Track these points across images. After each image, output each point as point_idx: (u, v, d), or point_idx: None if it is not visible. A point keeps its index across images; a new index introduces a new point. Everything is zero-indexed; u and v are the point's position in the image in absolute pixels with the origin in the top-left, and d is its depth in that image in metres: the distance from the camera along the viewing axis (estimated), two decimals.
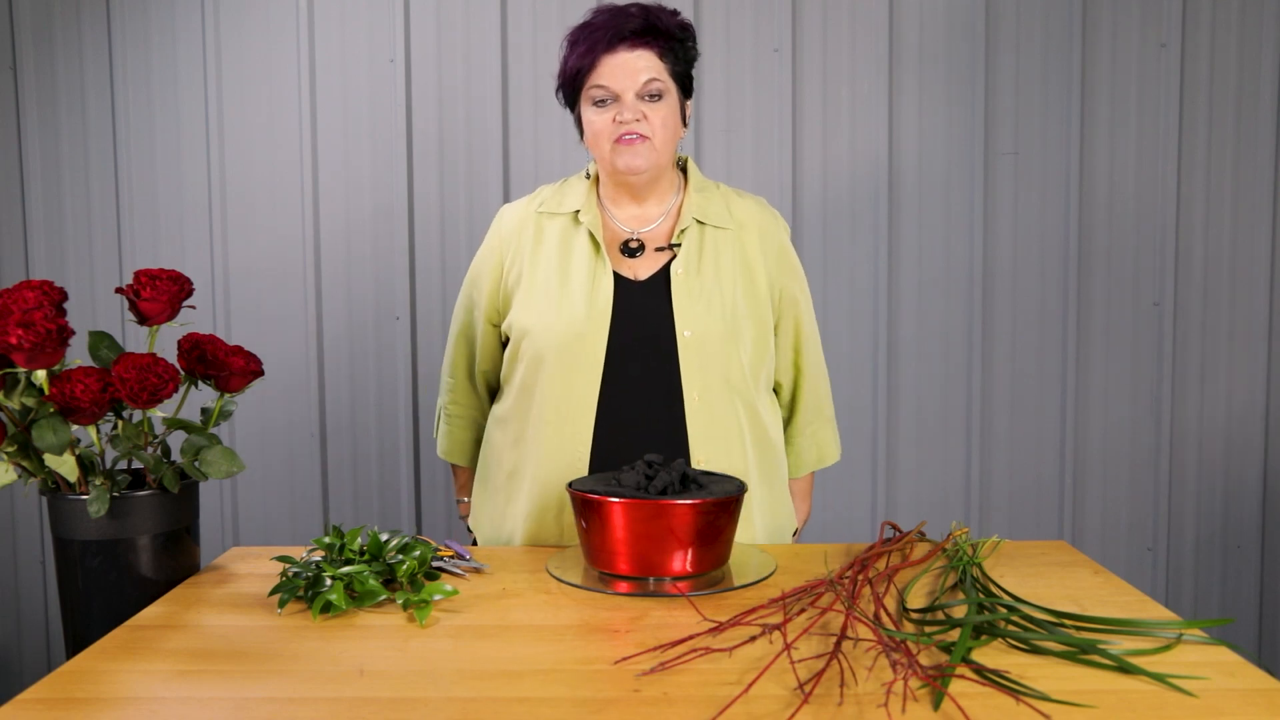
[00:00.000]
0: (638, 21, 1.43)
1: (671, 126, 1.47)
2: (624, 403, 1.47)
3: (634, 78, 1.43)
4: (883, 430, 2.51)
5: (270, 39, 2.47)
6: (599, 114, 1.45)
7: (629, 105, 1.43)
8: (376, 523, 2.54)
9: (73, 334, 1.17)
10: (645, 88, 1.43)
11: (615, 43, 1.42)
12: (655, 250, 1.51)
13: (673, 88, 1.47)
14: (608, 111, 1.45)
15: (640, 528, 1.21)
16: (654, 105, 1.44)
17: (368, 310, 2.52)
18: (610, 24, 1.43)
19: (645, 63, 1.43)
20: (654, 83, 1.44)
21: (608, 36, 1.43)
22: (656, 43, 1.44)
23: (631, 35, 1.42)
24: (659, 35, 1.44)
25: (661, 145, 1.46)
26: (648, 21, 1.43)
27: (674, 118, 1.47)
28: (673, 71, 1.47)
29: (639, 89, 1.43)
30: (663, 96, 1.45)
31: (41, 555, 2.61)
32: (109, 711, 0.90)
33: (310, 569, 1.20)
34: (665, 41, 1.45)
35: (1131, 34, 2.44)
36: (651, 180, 1.51)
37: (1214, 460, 2.52)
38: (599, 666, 0.98)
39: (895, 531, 1.42)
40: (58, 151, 2.51)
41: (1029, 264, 2.48)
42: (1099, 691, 0.91)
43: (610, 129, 1.45)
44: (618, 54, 1.43)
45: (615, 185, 1.53)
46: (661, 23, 1.45)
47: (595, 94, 1.45)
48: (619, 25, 1.43)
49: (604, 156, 1.48)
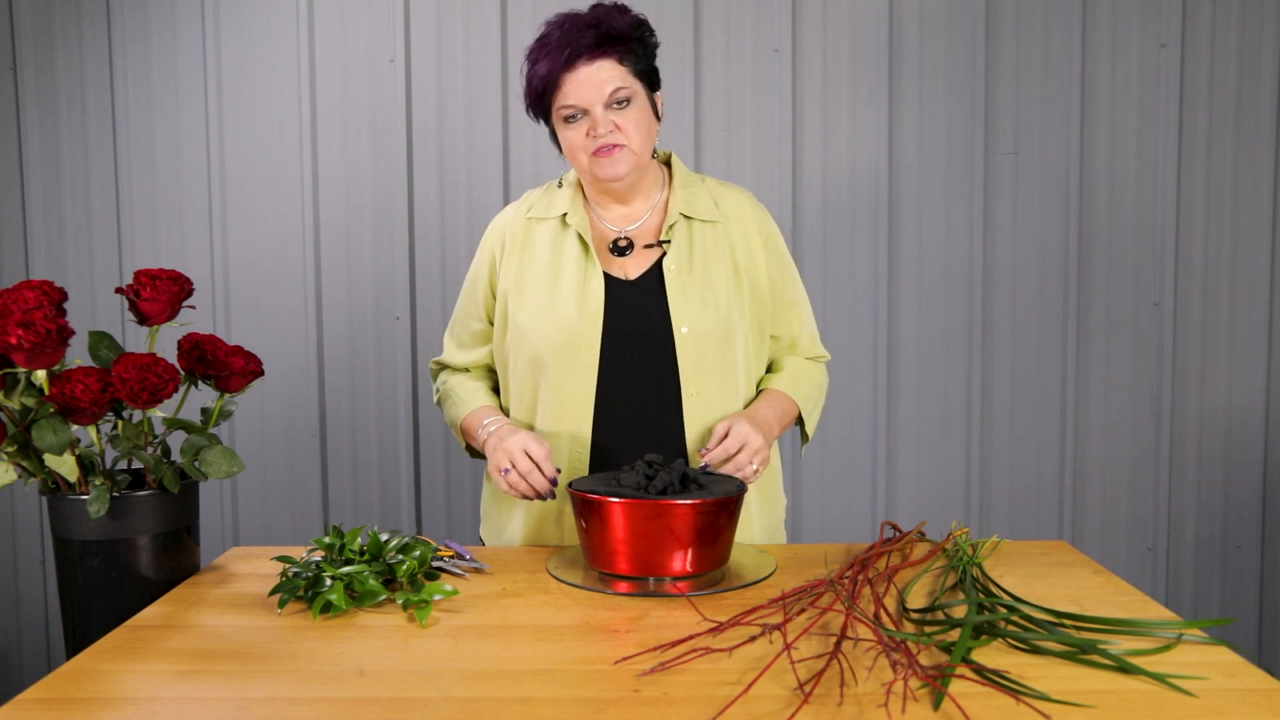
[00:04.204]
0: (591, 35, 1.40)
1: (645, 127, 1.46)
2: (621, 401, 1.47)
3: (598, 90, 1.41)
4: (883, 430, 2.51)
5: (270, 39, 2.47)
6: (572, 130, 1.44)
7: (600, 119, 1.42)
8: (376, 523, 2.54)
9: (73, 334, 1.17)
10: (612, 97, 1.41)
11: (573, 59, 1.40)
12: (644, 247, 1.51)
13: (639, 88, 1.45)
14: (580, 126, 1.44)
15: (640, 528, 1.21)
16: (624, 112, 1.43)
17: (368, 310, 2.52)
18: (565, 40, 1.40)
19: (607, 73, 1.41)
20: (620, 91, 1.42)
21: (565, 54, 1.40)
22: (614, 49, 1.42)
23: (587, 50, 1.40)
24: (614, 42, 1.42)
25: (639, 148, 1.46)
26: (600, 32, 1.41)
27: (646, 117, 1.46)
28: (636, 71, 1.44)
29: (605, 100, 1.41)
30: (631, 100, 1.43)
31: (41, 555, 2.61)
32: (109, 711, 0.90)
33: (310, 569, 1.20)
34: (622, 45, 1.43)
35: (1131, 34, 2.44)
36: (634, 181, 1.51)
37: (1214, 460, 2.52)
38: (599, 666, 0.98)
39: (895, 531, 1.42)
40: (58, 151, 2.51)
41: (1029, 264, 2.48)
42: (1099, 691, 0.91)
43: (585, 143, 1.44)
44: (578, 70, 1.41)
45: (599, 190, 1.53)
46: (615, 28, 1.42)
47: (564, 112, 1.43)
48: (574, 41, 1.40)
49: (583, 169, 1.48)
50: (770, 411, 1.51)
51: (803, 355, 1.62)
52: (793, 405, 1.56)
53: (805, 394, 1.58)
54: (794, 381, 1.57)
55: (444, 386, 1.62)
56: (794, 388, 1.56)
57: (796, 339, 1.61)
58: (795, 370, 1.59)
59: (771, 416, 1.51)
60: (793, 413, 1.56)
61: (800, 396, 1.57)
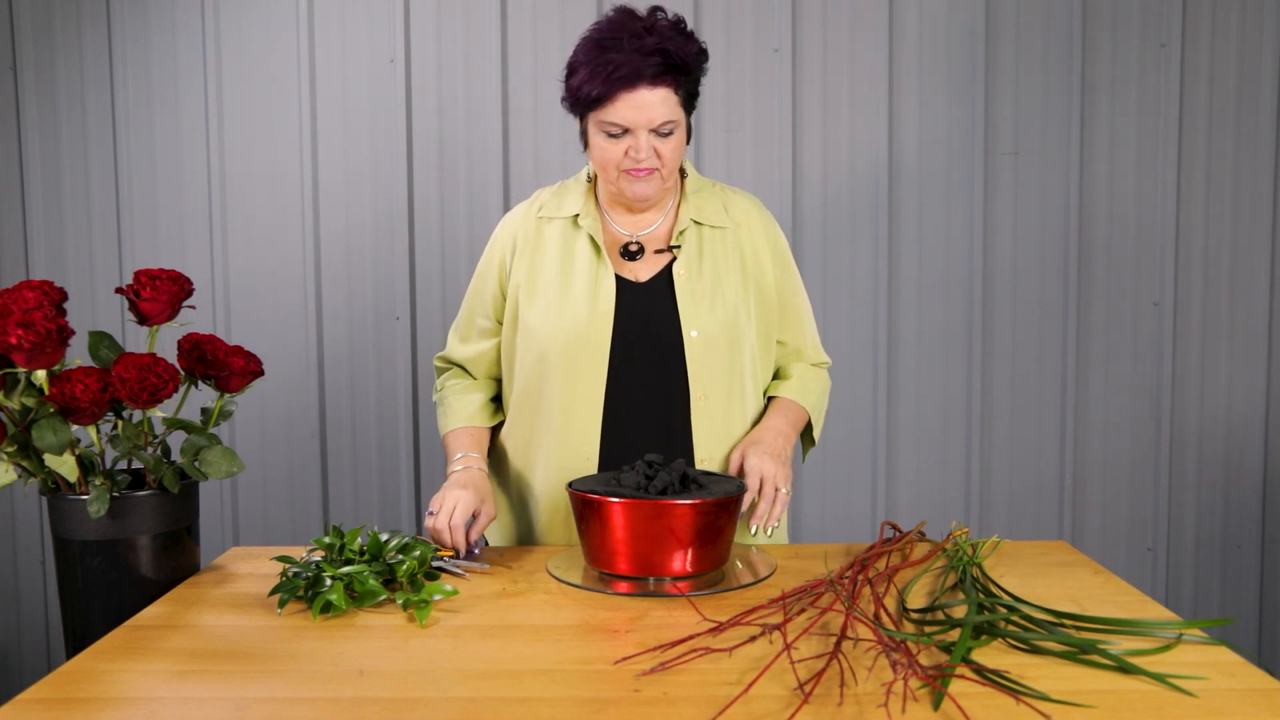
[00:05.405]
0: (659, 63, 1.37)
1: (679, 153, 1.45)
2: (629, 403, 1.47)
3: (649, 116, 1.39)
4: (883, 430, 2.51)
5: (270, 39, 2.47)
6: (610, 144, 1.42)
7: (642, 144, 1.40)
8: (376, 523, 2.54)
9: (73, 334, 1.17)
10: (660, 127, 1.40)
11: (634, 82, 1.37)
12: (655, 252, 1.51)
13: (682, 117, 1.43)
14: (620, 143, 1.41)
15: (640, 528, 1.21)
16: (665, 139, 1.42)
17: (368, 310, 2.52)
18: (631, 62, 1.36)
19: (661, 101, 1.39)
20: (668, 123, 1.40)
21: (628, 75, 1.36)
22: (674, 79, 1.40)
23: (651, 77, 1.37)
24: (677, 72, 1.39)
25: (670, 173, 1.46)
26: (669, 61, 1.37)
27: (681, 144, 1.45)
28: (684, 100, 1.43)
29: (654, 127, 1.40)
30: (674, 130, 1.42)
31: (41, 555, 2.61)
32: (109, 711, 0.90)
33: (310, 569, 1.20)
34: (683, 75, 1.41)
35: (1131, 34, 2.44)
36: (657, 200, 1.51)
37: (1214, 460, 2.52)
38: (599, 666, 0.98)
39: (895, 531, 1.42)
40: (58, 151, 2.51)
41: (1029, 264, 2.48)
42: (1099, 691, 0.91)
43: (622, 161, 1.43)
44: (637, 92, 1.37)
45: (617, 200, 1.53)
46: (680, 59, 1.39)
47: (608, 127, 1.41)
48: (639, 66, 1.36)
49: (611, 181, 1.46)
50: (784, 422, 1.52)
51: (808, 361, 1.63)
52: (804, 412, 1.57)
53: (813, 401, 1.59)
54: (803, 389, 1.58)
55: (441, 391, 1.62)
56: (803, 395, 1.57)
57: (802, 346, 1.61)
58: (803, 377, 1.59)
59: (786, 427, 1.52)
60: (804, 419, 1.57)
61: (809, 403, 1.58)
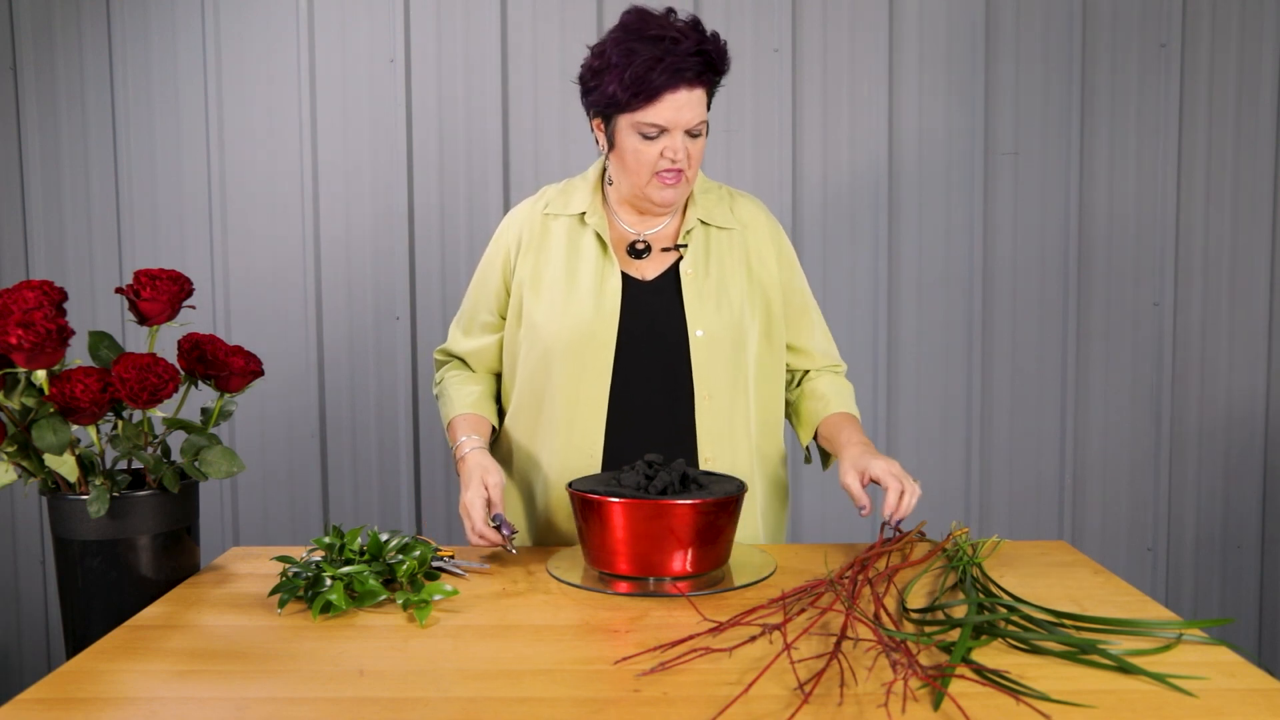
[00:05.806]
0: (698, 64, 1.38)
1: (702, 155, 1.47)
2: (634, 402, 1.47)
3: (688, 117, 1.40)
4: (883, 431, 2.51)
5: (270, 39, 2.47)
6: (647, 146, 1.42)
7: (678, 145, 1.41)
8: (376, 523, 2.54)
9: (73, 334, 1.17)
10: (694, 127, 1.42)
11: (676, 83, 1.38)
12: (661, 250, 1.51)
13: (707, 119, 1.45)
14: (655, 145, 1.42)
15: (640, 528, 1.21)
16: (695, 141, 1.43)
17: (368, 310, 2.52)
18: (671, 63, 1.37)
19: (697, 101, 1.41)
20: (700, 124, 1.42)
21: (669, 76, 1.37)
22: (709, 81, 1.42)
23: (693, 77, 1.39)
24: (713, 73, 1.41)
25: (693, 177, 1.47)
26: (708, 63, 1.39)
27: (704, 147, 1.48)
28: (709, 101, 1.45)
29: (688, 127, 1.41)
30: (703, 132, 1.44)
31: (41, 555, 2.61)
32: (109, 711, 0.90)
33: (310, 569, 1.20)
34: (716, 78, 1.43)
35: (1131, 34, 2.44)
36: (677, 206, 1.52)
37: (1214, 460, 2.52)
38: (599, 666, 0.98)
39: (895, 531, 1.42)
40: (58, 151, 2.51)
41: (1029, 264, 2.48)
42: (1099, 691, 0.91)
43: (655, 163, 1.43)
44: (678, 93, 1.39)
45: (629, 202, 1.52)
46: (716, 60, 1.41)
47: (644, 128, 1.41)
48: (680, 67, 1.37)
49: (639, 185, 1.46)
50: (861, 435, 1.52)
51: (826, 365, 1.63)
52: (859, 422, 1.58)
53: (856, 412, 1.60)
54: (846, 402, 1.59)
55: (442, 384, 1.62)
56: (850, 405, 1.59)
57: (814, 349, 1.62)
58: (839, 390, 1.60)
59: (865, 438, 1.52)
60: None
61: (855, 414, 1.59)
